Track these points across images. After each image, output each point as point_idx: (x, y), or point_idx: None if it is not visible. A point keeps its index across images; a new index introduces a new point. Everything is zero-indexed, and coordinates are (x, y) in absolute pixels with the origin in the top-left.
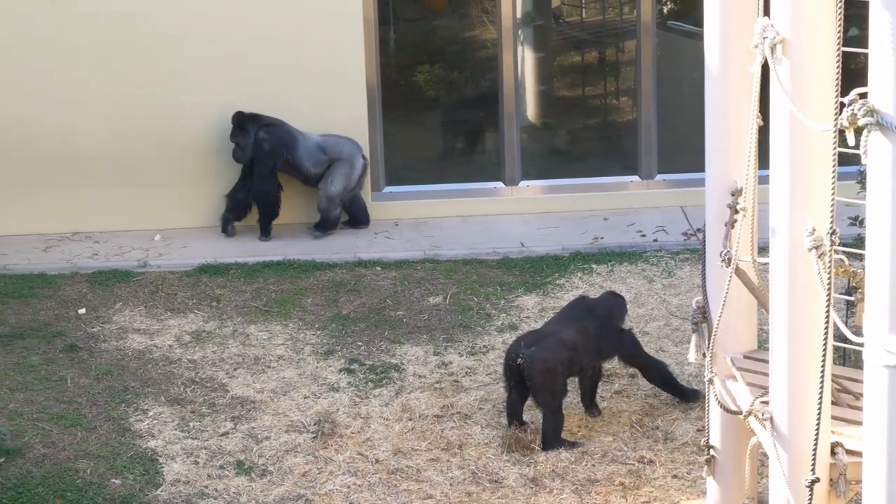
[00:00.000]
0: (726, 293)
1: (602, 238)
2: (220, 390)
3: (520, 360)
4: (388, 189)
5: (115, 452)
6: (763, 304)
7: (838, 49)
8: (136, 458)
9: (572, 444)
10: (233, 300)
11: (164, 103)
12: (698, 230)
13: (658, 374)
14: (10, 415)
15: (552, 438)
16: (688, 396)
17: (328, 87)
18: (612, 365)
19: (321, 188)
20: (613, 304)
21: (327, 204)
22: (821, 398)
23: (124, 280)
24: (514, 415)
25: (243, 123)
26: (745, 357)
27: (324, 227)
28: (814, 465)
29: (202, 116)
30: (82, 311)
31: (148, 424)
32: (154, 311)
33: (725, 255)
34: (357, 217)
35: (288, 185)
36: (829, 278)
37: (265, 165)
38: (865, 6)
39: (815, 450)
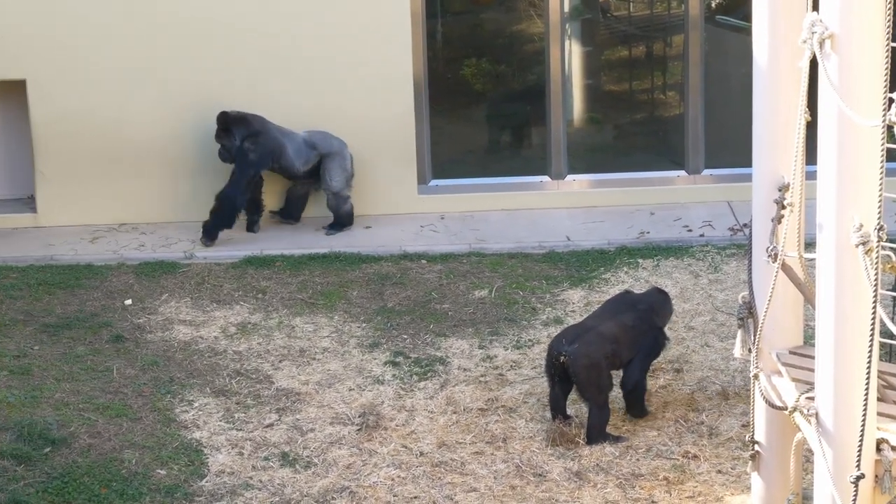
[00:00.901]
0: (772, 288)
1: (648, 232)
2: (265, 382)
3: (563, 356)
4: (434, 182)
5: (161, 443)
6: (809, 300)
7: (887, 44)
8: (182, 448)
9: (617, 439)
10: (278, 292)
11: (212, 97)
12: (745, 225)
13: (632, 385)
14: (56, 405)
15: (597, 433)
16: (634, 414)
17: (375, 80)
18: (657, 360)
19: (324, 189)
20: (655, 301)
21: (336, 200)
22: (866, 394)
23: (170, 271)
24: (557, 409)
25: (228, 125)
26: (791, 352)
27: (339, 224)
28: (859, 461)
29: (249, 110)
30: (128, 301)
31: (193, 415)
32: (200, 303)
33: (772, 250)
34: (290, 213)
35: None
36: (876, 274)
37: (244, 174)
38: None
39: (860, 446)
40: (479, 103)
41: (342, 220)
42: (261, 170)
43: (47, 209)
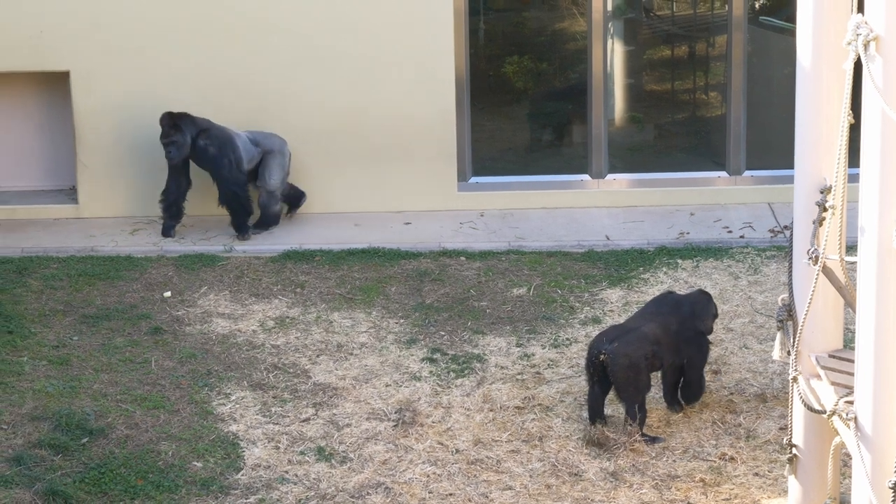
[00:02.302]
0: (813, 291)
1: (688, 233)
2: (302, 376)
3: (602, 355)
4: (474, 179)
5: (197, 435)
6: (850, 303)
7: None
8: (218, 441)
9: (653, 440)
10: (317, 287)
11: (252, 91)
12: (786, 227)
13: (692, 394)
14: (94, 395)
15: (634, 433)
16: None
17: (417, 77)
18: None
19: (260, 184)
20: (698, 303)
21: (268, 199)
22: None
23: (210, 264)
24: (595, 409)
25: (176, 122)
26: (831, 356)
27: (265, 223)
28: None
29: (289, 104)
30: (167, 294)
31: (230, 408)
32: (238, 296)
33: (813, 252)
34: (296, 198)
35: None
36: None
37: (222, 164)
38: None
39: None
40: (520, 101)
41: (269, 220)
42: (230, 157)
43: (89, 200)
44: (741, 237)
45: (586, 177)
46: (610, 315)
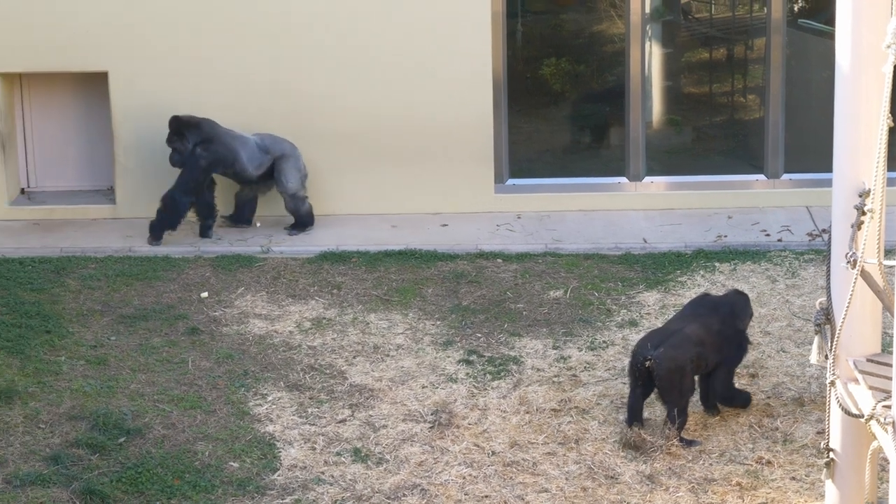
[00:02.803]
0: (851, 295)
1: (726, 236)
2: (338, 377)
3: (648, 361)
4: (511, 182)
5: (234, 436)
6: (888, 308)
7: None
8: (255, 442)
9: (690, 443)
10: (353, 288)
11: (290, 93)
12: (824, 231)
13: (721, 397)
14: (131, 395)
15: (673, 436)
16: (709, 409)
17: (455, 78)
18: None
19: (281, 191)
20: (736, 303)
21: (294, 202)
22: None
23: (247, 265)
24: (634, 413)
25: (181, 129)
26: (868, 360)
27: (300, 224)
28: None
29: (326, 105)
30: (205, 294)
31: (267, 409)
32: (275, 297)
33: (851, 256)
34: (241, 217)
35: None
36: None
37: (191, 178)
38: None
39: None
40: (557, 103)
41: (303, 221)
42: (208, 175)
43: (126, 201)
44: (779, 240)
45: (624, 179)
46: (647, 318)
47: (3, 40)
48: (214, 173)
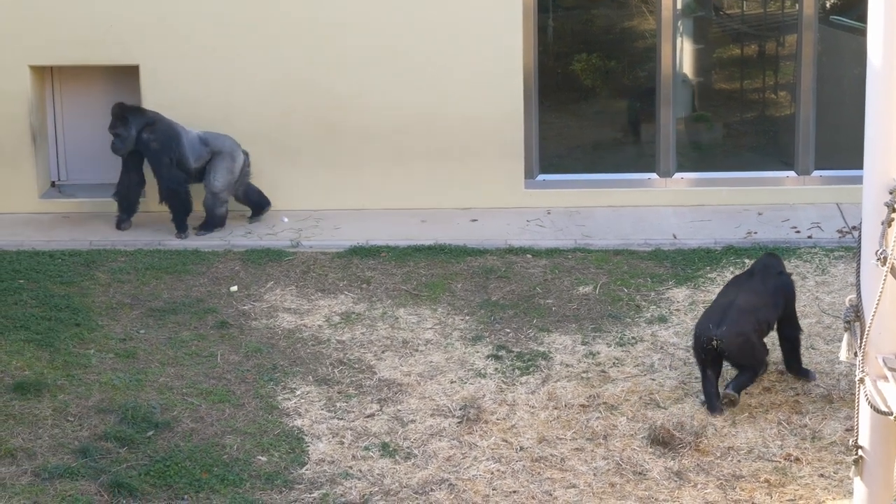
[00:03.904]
0: (881, 292)
1: (755, 233)
2: (367, 372)
3: (715, 341)
4: (541, 177)
5: (262, 430)
6: None
7: None
8: (283, 436)
9: (737, 401)
10: (383, 283)
11: (319, 88)
12: (854, 228)
13: (792, 339)
14: (160, 389)
15: (739, 389)
16: (800, 375)
17: (485, 74)
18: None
19: (206, 185)
20: (768, 262)
21: (213, 200)
22: None
23: (276, 259)
24: (712, 398)
25: (124, 114)
26: None
27: (209, 225)
28: None
29: (356, 102)
30: (234, 288)
31: (295, 403)
32: (305, 291)
33: (881, 253)
34: (259, 204)
35: None
36: None
37: (162, 162)
38: None
39: None
40: (588, 99)
41: (214, 222)
42: (172, 155)
43: (156, 195)
44: (809, 237)
45: (654, 175)
46: (676, 314)
47: (34, 34)
48: (170, 153)
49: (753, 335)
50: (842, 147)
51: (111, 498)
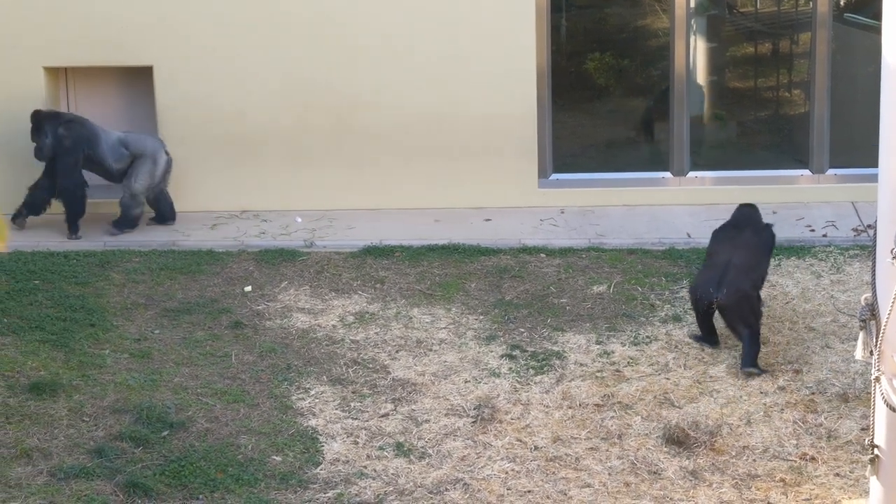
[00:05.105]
0: None
1: None
2: (381, 372)
3: (715, 302)
4: (554, 176)
5: (277, 430)
6: None
7: None
8: (297, 436)
9: (762, 371)
10: (397, 282)
11: (333, 87)
12: (869, 226)
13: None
14: (175, 389)
15: (752, 360)
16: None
17: (499, 73)
18: (775, 360)
19: (125, 185)
20: (751, 213)
21: (130, 200)
22: None
23: (290, 259)
24: (711, 331)
25: (41, 122)
26: None
27: (123, 224)
28: None
29: (370, 101)
30: (248, 288)
31: (309, 403)
32: (319, 291)
33: None
34: (163, 213)
35: None
36: None
37: (67, 162)
38: None
39: None
40: (601, 98)
41: (127, 222)
42: (79, 156)
43: (170, 195)
44: (824, 236)
45: (668, 174)
46: (690, 313)
47: (47, 35)
48: (80, 153)
49: (753, 292)
50: (856, 145)
51: (126, 498)
